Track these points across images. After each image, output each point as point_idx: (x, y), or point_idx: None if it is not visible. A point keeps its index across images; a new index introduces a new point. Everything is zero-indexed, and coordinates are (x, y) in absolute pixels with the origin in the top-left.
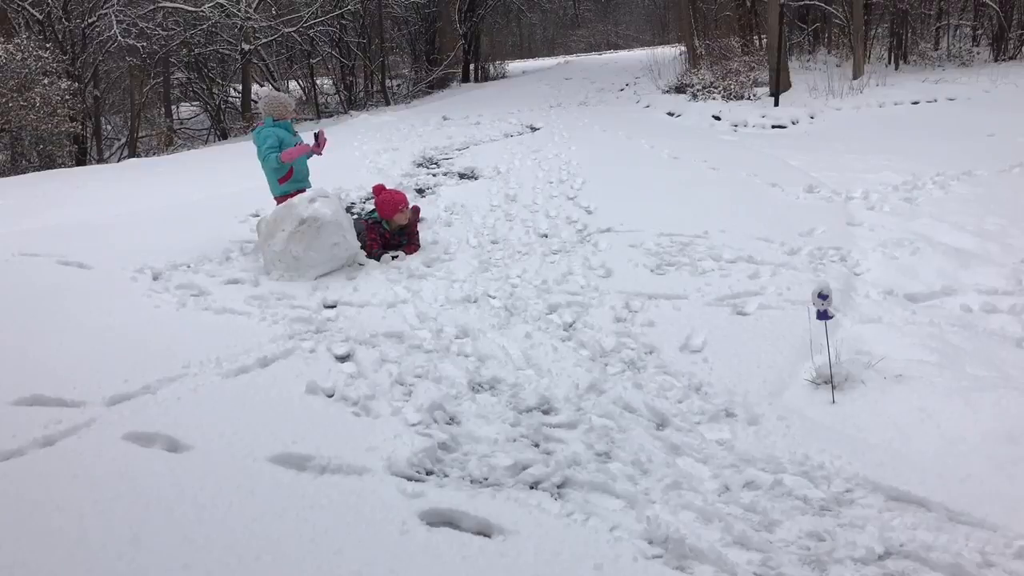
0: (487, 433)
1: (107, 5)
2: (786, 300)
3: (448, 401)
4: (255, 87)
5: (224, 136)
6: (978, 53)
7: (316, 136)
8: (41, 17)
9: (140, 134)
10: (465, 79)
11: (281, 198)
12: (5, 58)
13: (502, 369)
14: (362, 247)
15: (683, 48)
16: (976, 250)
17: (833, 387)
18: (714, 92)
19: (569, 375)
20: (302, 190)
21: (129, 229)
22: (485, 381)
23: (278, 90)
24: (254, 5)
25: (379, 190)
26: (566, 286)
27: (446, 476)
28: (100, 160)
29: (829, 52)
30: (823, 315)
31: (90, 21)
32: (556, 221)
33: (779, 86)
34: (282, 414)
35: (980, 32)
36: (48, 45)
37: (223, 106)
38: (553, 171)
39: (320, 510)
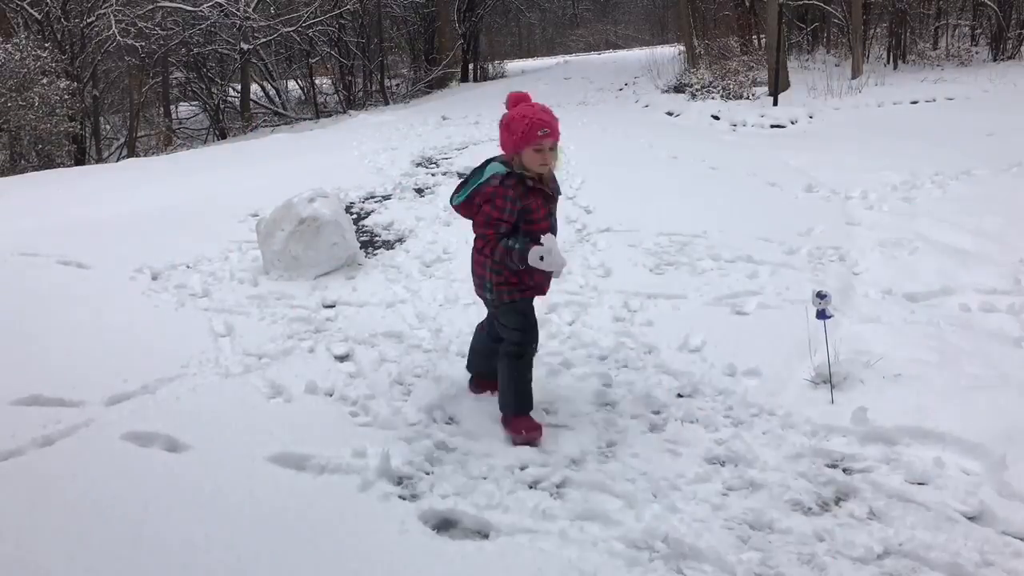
0: (486, 432)
1: (106, 5)
2: (785, 300)
3: (447, 401)
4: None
5: (223, 136)
6: (977, 53)
7: None
8: (40, 17)
9: (139, 134)
10: (464, 79)
11: None
12: (4, 58)
13: None
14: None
15: (682, 48)
16: (975, 250)
17: (832, 387)
18: (713, 92)
19: (568, 374)
20: None
21: (128, 229)
22: None
23: None
24: (253, 5)
25: (519, 99)
26: (565, 285)
27: (445, 476)
28: (99, 160)
29: (828, 52)
30: (822, 315)
31: (89, 21)
32: None
33: (778, 86)
34: (281, 414)
35: (979, 32)
36: (47, 45)
37: (222, 106)
38: None
39: (319, 510)
